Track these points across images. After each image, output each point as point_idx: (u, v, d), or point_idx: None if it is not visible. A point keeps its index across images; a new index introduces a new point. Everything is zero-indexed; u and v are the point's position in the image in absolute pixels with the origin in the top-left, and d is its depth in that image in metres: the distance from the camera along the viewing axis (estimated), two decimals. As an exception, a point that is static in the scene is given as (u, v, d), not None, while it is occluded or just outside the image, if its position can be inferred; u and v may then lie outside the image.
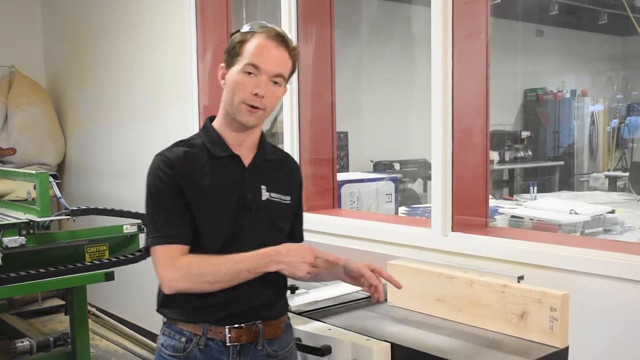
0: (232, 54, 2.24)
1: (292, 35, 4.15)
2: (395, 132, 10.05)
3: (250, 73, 2.18)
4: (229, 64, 2.25)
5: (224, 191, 2.25)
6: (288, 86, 2.33)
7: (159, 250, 2.18)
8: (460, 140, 3.35)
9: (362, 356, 2.36)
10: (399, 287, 2.39)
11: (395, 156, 9.60)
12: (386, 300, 2.88)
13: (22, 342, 4.67)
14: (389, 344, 2.37)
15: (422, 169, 9.31)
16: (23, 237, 3.90)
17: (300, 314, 2.73)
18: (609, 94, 13.08)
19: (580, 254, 2.83)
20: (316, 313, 2.76)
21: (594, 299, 2.73)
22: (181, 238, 2.19)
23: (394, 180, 5.16)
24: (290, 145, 4.25)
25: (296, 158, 4.19)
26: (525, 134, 11.79)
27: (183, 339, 2.25)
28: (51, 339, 4.72)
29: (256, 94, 2.17)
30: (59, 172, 7.01)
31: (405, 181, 9.30)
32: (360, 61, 9.99)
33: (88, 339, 4.61)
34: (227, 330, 2.24)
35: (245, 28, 2.26)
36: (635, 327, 2.65)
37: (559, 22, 12.18)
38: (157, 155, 2.27)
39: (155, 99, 5.59)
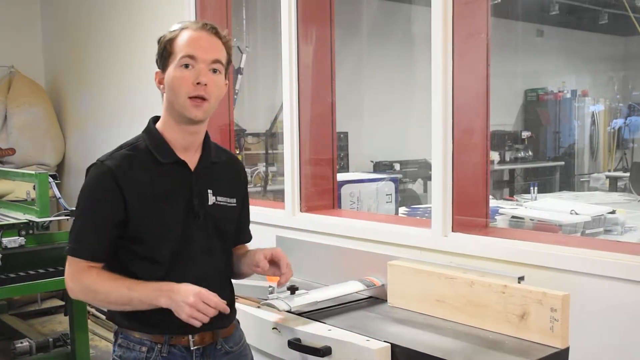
0: (164, 56, 2.21)
1: (292, 35, 4.17)
2: (395, 133, 10.05)
3: (187, 66, 2.15)
4: (163, 66, 2.22)
5: (170, 199, 2.22)
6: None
7: (70, 261, 2.20)
8: (461, 140, 3.34)
9: (362, 357, 2.35)
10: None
11: (395, 156, 9.59)
12: (386, 300, 2.89)
13: (21, 342, 4.66)
14: (389, 345, 2.36)
15: (423, 169, 9.30)
16: (22, 238, 3.90)
17: (300, 314, 2.72)
18: (610, 94, 13.06)
19: (581, 255, 2.82)
20: (316, 314, 2.75)
21: (595, 300, 2.73)
22: (94, 256, 2.18)
23: (394, 180, 5.16)
24: (290, 145, 4.24)
25: (296, 158, 4.20)
26: (525, 134, 11.79)
27: (144, 349, 2.22)
28: (50, 339, 4.71)
29: (199, 83, 2.14)
30: (59, 172, 7.00)
31: (406, 181, 9.29)
32: (360, 61, 9.98)
33: (87, 340, 4.61)
34: (190, 336, 2.23)
35: (171, 29, 2.24)
36: (636, 328, 2.64)
37: (559, 22, 12.17)
38: (99, 161, 2.24)
39: (155, 99, 5.54)
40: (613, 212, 4.85)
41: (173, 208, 2.21)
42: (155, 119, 2.33)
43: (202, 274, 2.23)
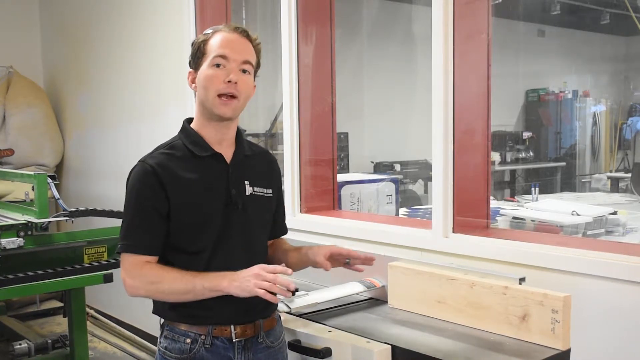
0: (197, 56, 2.33)
1: (292, 35, 4.17)
2: (395, 133, 10.04)
3: (219, 65, 2.26)
4: (196, 66, 2.34)
5: (210, 190, 2.31)
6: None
7: (126, 258, 2.28)
8: (461, 141, 3.33)
9: (363, 359, 2.35)
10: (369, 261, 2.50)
11: (395, 157, 9.59)
12: (387, 302, 2.89)
13: (20, 344, 4.64)
14: (390, 346, 2.36)
15: (423, 170, 9.31)
16: (21, 239, 3.88)
17: (300, 315, 2.73)
18: (612, 95, 13.05)
19: (582, 256, 2.81)
20: (316, 315, 2.75)
21: (596, 301, 2.72)
22: (149, 249, 2.27)
23: (394, 181, 5.15)
24: (290, 146, 4.23)
25: (296, 159, 4.20)
26: (526, 134, 11.78)
27: (188, 341, 2.29)
28: (49, 341, 4.69)
29: (229, 81, 2.25)
30: (57, 173, 7.02)
31: (406, 182, 9.30)
32: (360, 61, 9.98)
33: (86, 341, 4.59)
34: (232, 327, 2.31)
35: (204, 32, 2.37)
36: (638, 330, 2.63)
37: (560, 22, 12.17)
38: (140, 161, 2.34)
39: (154, 100, 5.57)
40: (614, 213, 4.84)
41: (213, 199, 2.31)
42: (190, 120, 2.43)
43: (240, 266, 2.27)
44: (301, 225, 4.03)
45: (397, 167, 9.37)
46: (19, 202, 4.56)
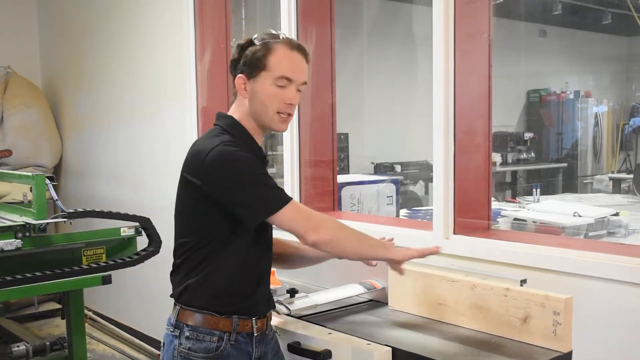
0: (255, 66, 2.33)
1: (292, 35, 4.15)
2: (396, 134, 10.04)
3: (282, 86, 2.31)
4: (251, 75, 2.34)
5: None
6: None
7: (296, 205, 2.33)
8: (462, 141, 3.33)
9: (363, 361, 2.34)
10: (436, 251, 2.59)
11: (396, 158, 9.58)
12: (387, 303, 2.89)
13: (18, 346, 4.62)
14: (390, 349, 2.36)
15: (424, 171, 9.30)
16: (19, 240, 3.86)
17: (300, 317, 2.74)
18: (614, 95, 13.04)
19: (584, 257, 2.80)
20: (316, 317, 2.75)
21: (598, 303, 2.71)
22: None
23: (395, 182, 5.15)
24: (290, 146, 4.23)
25: (296, 159, 4.20)
26: (528, 135, 11.77)
27: (214, 339, 2.34)
28: (47, 343, 4.66)
29: (290, 104, 2.34)
30: (56, 174, 7.01)
31: (407, 183, 9.29)
32: (360, 61, 9.98)
33: (85, 343, 4.57)
34: (253, 321, 2.39)
35: (259, 38, 2.36)
36: (640, 332, 2.61)
37: (562, 22, 12.15)
38: (225, 145, 2.28)
39: (153, 100, 5.56)
40: (616, 214, 4.84)
41: None
42: (230, 118, 2.43)
43: (269, 260, 2.49)
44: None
45: (398, 168, 9.36)
46: (17, 203, 4.53)
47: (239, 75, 2.37)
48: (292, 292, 2.88)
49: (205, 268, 2.33)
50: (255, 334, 2.39)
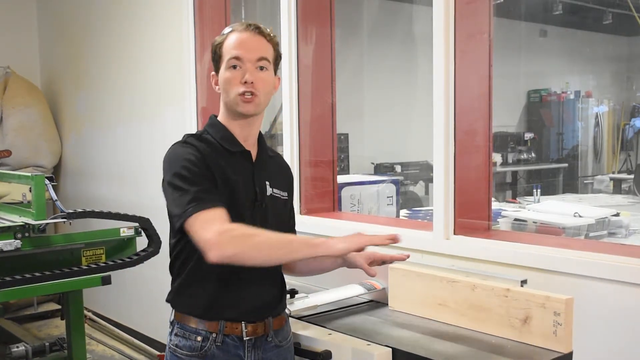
0: (215, 60, 2.38)
1: (292, 35, 4.15)
2: (396, 134, 10.03)
3: (235, 67, 2.30)
4: (217, 69, 2.38)
5: (241, 185, 2.34)
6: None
7: (199, 218, 2.13)
8: (463, 142, 3.32)
9: (363, 362, 2.33)
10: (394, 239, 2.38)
11: (396, 158, 9.58)
12: (387, 304, 2.89)
13: (17, 347, 4.61)
14: (390, 349, 2.36)
15: (424, 171, 9.29)
16: (18, 241, 3.85)
17: (300, 318, 2.74)
18: (615, 95, 13.03)
19: (585, 258, 2.79)
20: (316, 317, 2.76)
21: (599, 304, 2.70)
22: (219, 202, 2.19)
23: (395, 182, 5.14)
24: (289, 147, 4.22)
25: (296, 160, 4.20)
26: (528, 135, 11.77)
27: (199, 338, 2.32)
28: (47, 344, 4.66)
29: (245, 82, 2.28)
30: (55, 174, 7.02)
31: (407, 184, 9.28)
32: (361, 62, 9.98)
33: (84, 344, 4.56)
34: (243, 325, 2.33)
35: (221, 33, 2.41)
36: (641, 333, 2.61)
37: (563, 22, 12.15)
38: (179, 143, 2.33)
39: (153, 101, 5.56)
40: (617, 214, 4.84)
41: (243, 195, 2.34)
42: (214, 116, 2.46)
43: (260, 269, 2.30)
44: (301, 227, 3.96)
45: (398, 169, 9.35)
46: (16, 204, 4.52)
47: (212, 74, 2.41)
48: (292, 292, 2.89)
49: (188, 271, 2.33)
50: (245, 338, 2.33)
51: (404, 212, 5.38)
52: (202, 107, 4.99)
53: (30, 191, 4.11)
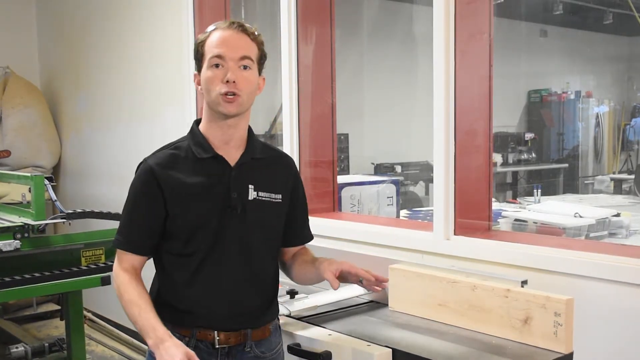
0: (197, 58, 2.31)
1: (292, 35, 4.14)
2: (396, 134, 10.02)
3: (217, 65, 2.23)
4: (199, 68, 2.31)
5: (208, 193, 2.28)
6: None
7: (117, 253, 2.35)
8: (463, 142, 3.32)
9: (363, 362, 2.33)
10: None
11: (396, 158, 9.57)
12: (387, 305, 2.88)
13: (16, 347, 4.62)
14: (390, 350, 2.35)
15: (424, 172, 9.28)
16: (18, 241, 3.86)
17: (300, 319, 2.73)
18: (616, 95, 13.03)
19: (585, 258, 2.79)
20: (316, 318, 2.75)
21: (599, 304, 2.70)
22: (139, 249, 2.31)
23: (395, 183, 5.14)
24: (289, 147, 4.22)
25: (296, 160, 4.16)
26: (529, 135, 11.77)
27: None
28: (46, 344, 4.66)
29: (227, 81, 2.21)
30: (55, 174, 7.01)
31: (407, 184, 9.28)
32: (361, 62, 9.97)
33: (84, 345, 4.56)
34: (215, 333, 2.28)
35: (205, 30, 2.34)
36: (642, 333, 2.61)
37: (563, 22, 12.14)
38: (144, 160, 2.36)
39: (152, 101, 5.56)
40: (618, 215, 4.84)
41: (210, 202, 2.28)
42: (198, 121, 2.41)
43: (237, 274, 2.30)
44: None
45: (398, 169, 9.35)
46: (16, 204, 4.53)
47: (194, 73, 2.36)
48: (292, 293, 2.88)
49: (159, 277, 2.37)
50: (217, 346, 2.28)
51: (404, 213, 5.38)
52: (202, 108, 4.98)
53: (29, 191, 4.11)
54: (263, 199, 2.34)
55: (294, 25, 4.18)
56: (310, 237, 2.59)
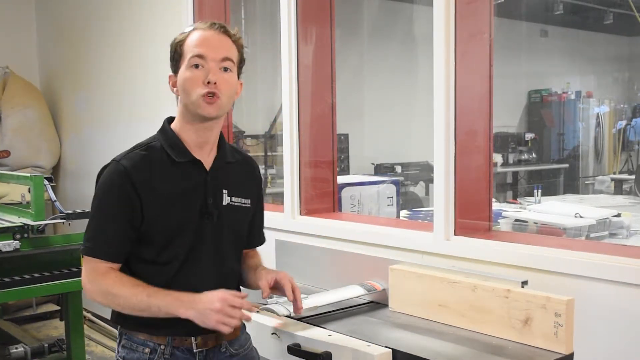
0: (175, 59, 2.28)
1: (292, 35, 4.14)
2: (396, 134, 10.02)
3: (197, 66, 2.18)
4: (175, 69, 2.28)
5: (185, 198, 2.23)
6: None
7: (87, 262, 2.19)
8: (463, 142, 3.31)
9: (363, 363, 2.33)
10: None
11: (396, 159, 9.57)
12: (388, 305, 2.87)
13: (16, 348, 4.63)
14: (391, 350, 2.34)
15: (424, 172, 9.28)
16: (17, 241, 3.86)
17: (299, 319, 2.70)
18: (616, 95, 13.03)
19: (586, 259, 2.79)
20: (316, 318, 2.73)
21: (600, 305, 2.69)
22: (112, 256, 2.19)
23: (395, 183, 5.13)
24: (289, 147, 4.21)
25: (296, 160, 4.18)
26: (529, 136, 11.78)
27: (147, 350, 2.23)
28: (46, 345, 4.67)
29: (208, 82, 2.15)
30: (54, 174, 6.99)
31: (407, 184, 9.28)
32: (361, 62, 9.97)
33: (83, 345, 4.57)
34: (193, 338, 2.25)
35: (181, 32, 2.32)
36: (643, 334, 2.60)
37: (563, 22, 12.15)
38: (114, 161, 2.23)
39: (152, 101, 5.55)
40: (618, 215, 4.83)
41: (188, 207, 2.22)
42: (170, 119, 2.35)
43: (210, 279, 2.24)
44: (301, 228, 4.01)
45: (398, 169, 9.34)
46: (15, 205, 4.54)
47: (169, 74, 2.31)
48: (292, 293, 2.87)
49: None
50: (196, 350, 2.25)
51: (404, 213, 5.37)
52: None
53: (29, 192, 4.12)
54: (235, 204, 2.33)
55: (294, 25, 4.17)
56: (263, 240, 2.59)
